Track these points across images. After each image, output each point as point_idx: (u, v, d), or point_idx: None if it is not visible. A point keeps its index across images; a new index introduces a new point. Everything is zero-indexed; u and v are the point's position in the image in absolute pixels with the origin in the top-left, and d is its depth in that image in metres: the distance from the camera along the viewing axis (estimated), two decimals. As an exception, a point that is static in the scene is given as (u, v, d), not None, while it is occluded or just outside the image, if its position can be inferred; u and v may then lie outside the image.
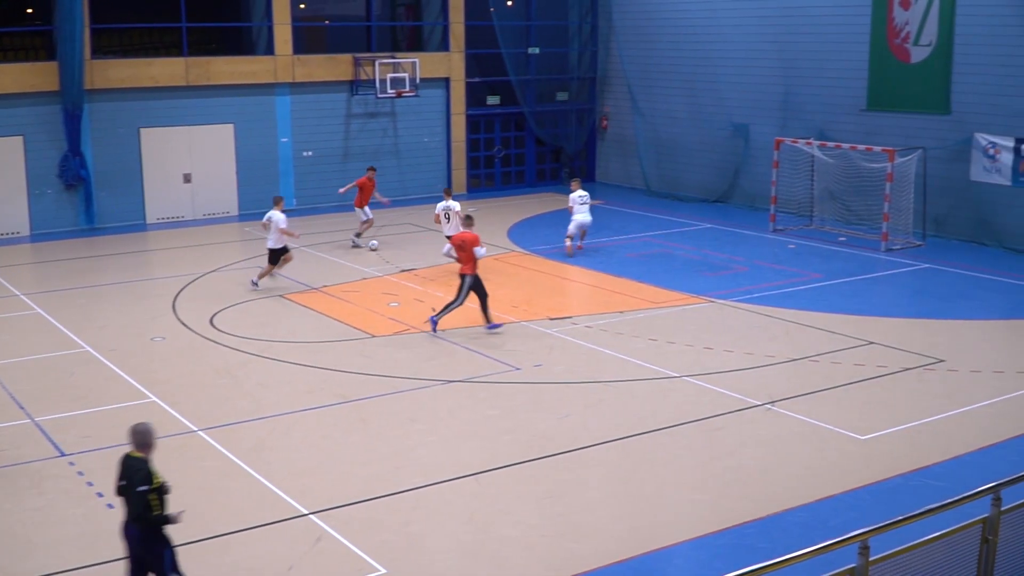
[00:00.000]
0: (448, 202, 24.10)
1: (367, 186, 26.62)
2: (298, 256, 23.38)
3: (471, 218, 20.07)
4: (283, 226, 22.14)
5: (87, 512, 12.18)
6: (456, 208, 24.00)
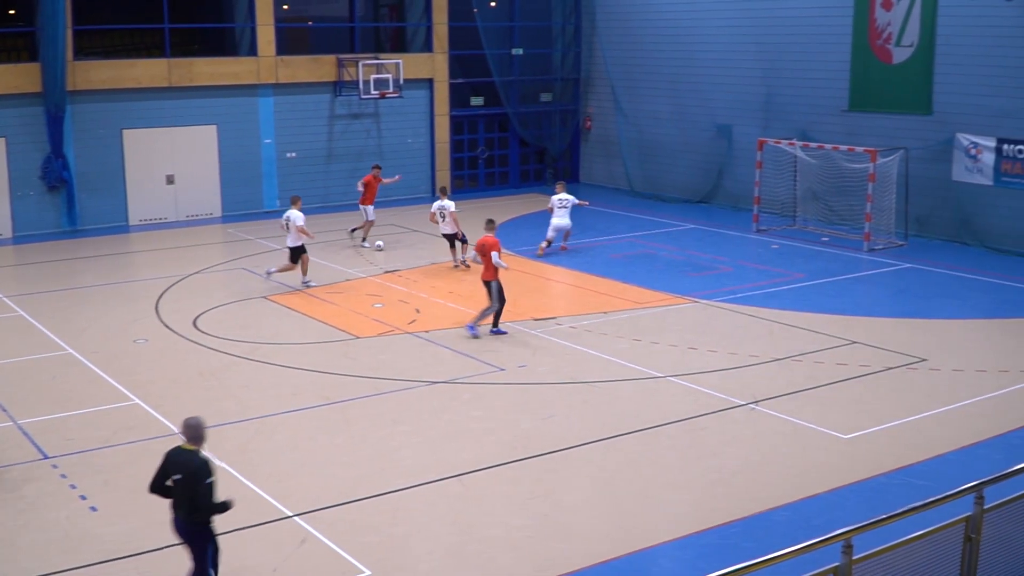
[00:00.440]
0: (443, 201, 24.33)
1: (373, 184, 26.79)
2: (282, 257, 23.22)
3: (492, 222, 20.03)
4: (300, 224, 22.31)
5: (70, 515, 12.13)
6: (451, 207, 24.12)
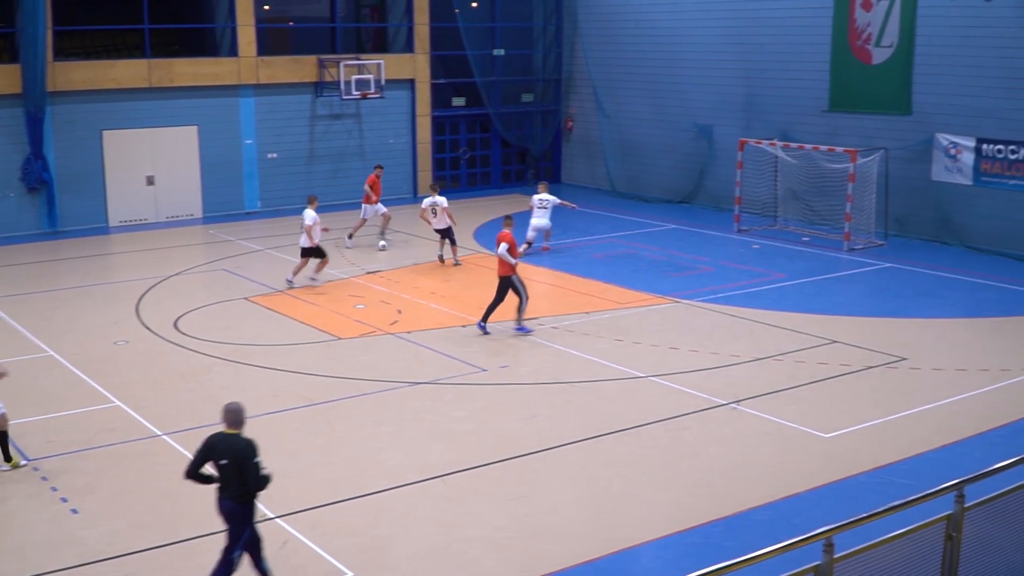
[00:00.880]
0: (435, 197, 24.52)
1: (377, 184, 26.95)
2: (263, 258, 23.28)
3: (510, 218, 19.97)
4: (308, 223, 22.45)
5: (51, 517, 12.08)
6: (443, 203, 24.27)
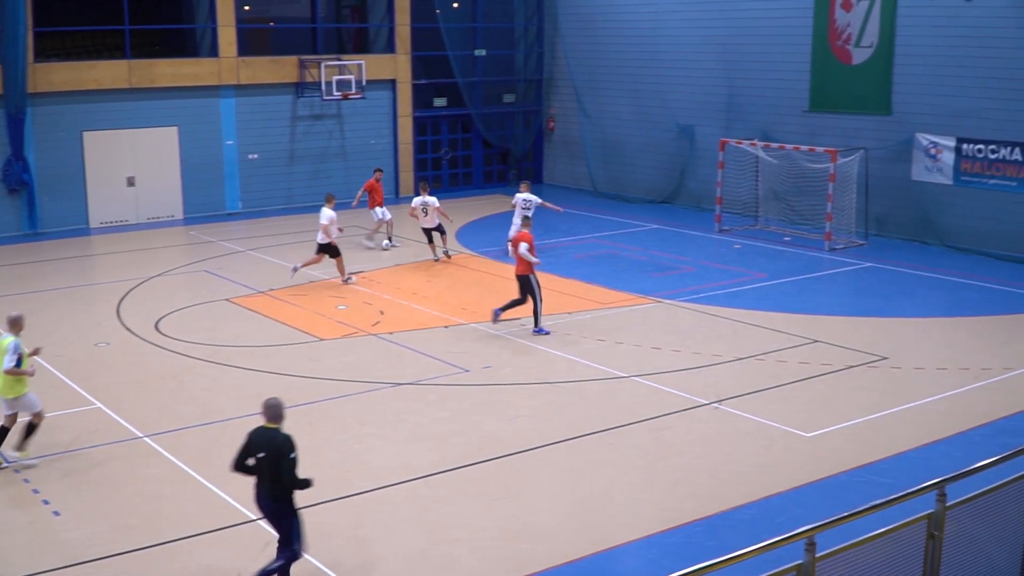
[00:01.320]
0: (425, 197, 24.69)
1: (376, 188, 26.92)
2: (244, 259, 23.21)
3: (528, 219, 19.93)
4: (323, 222, 22.58)
5: (33, 519, 12.04)
6: (434, 203, 24.38)
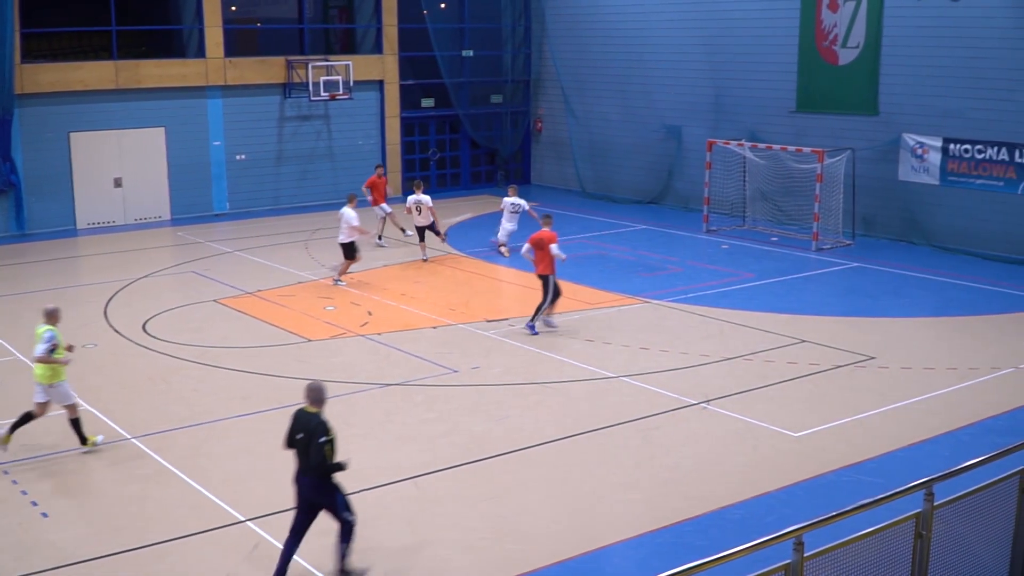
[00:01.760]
0: (419, 195, 24.82)
1: (378, 184, 26.98)
2: (232, 260, 23.16)
3: (549, 217, 19.94)
4: (355, 223, 22.66)
5: (23, 521, 11.99)
6: (427, 202, 24.48)
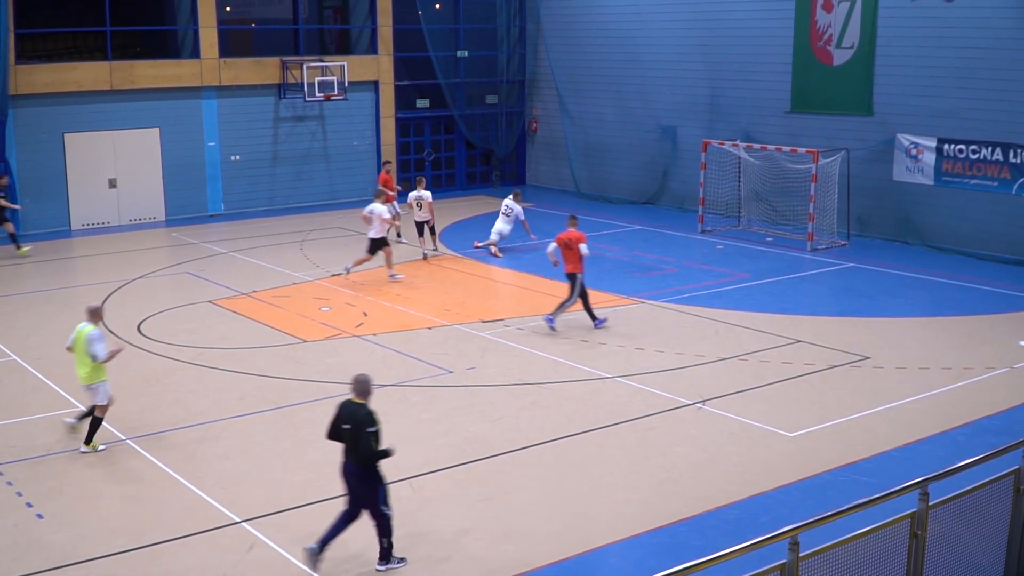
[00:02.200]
0: (420, 192, 25.16)
1: (388, 181, 27.09)
2: (227, 261, 23.13)
3: (575, 218, 20.00)
4: (387, 216, 23.03)
5: (18, 522, 11.97)
6: (428, 197, 24.72)
